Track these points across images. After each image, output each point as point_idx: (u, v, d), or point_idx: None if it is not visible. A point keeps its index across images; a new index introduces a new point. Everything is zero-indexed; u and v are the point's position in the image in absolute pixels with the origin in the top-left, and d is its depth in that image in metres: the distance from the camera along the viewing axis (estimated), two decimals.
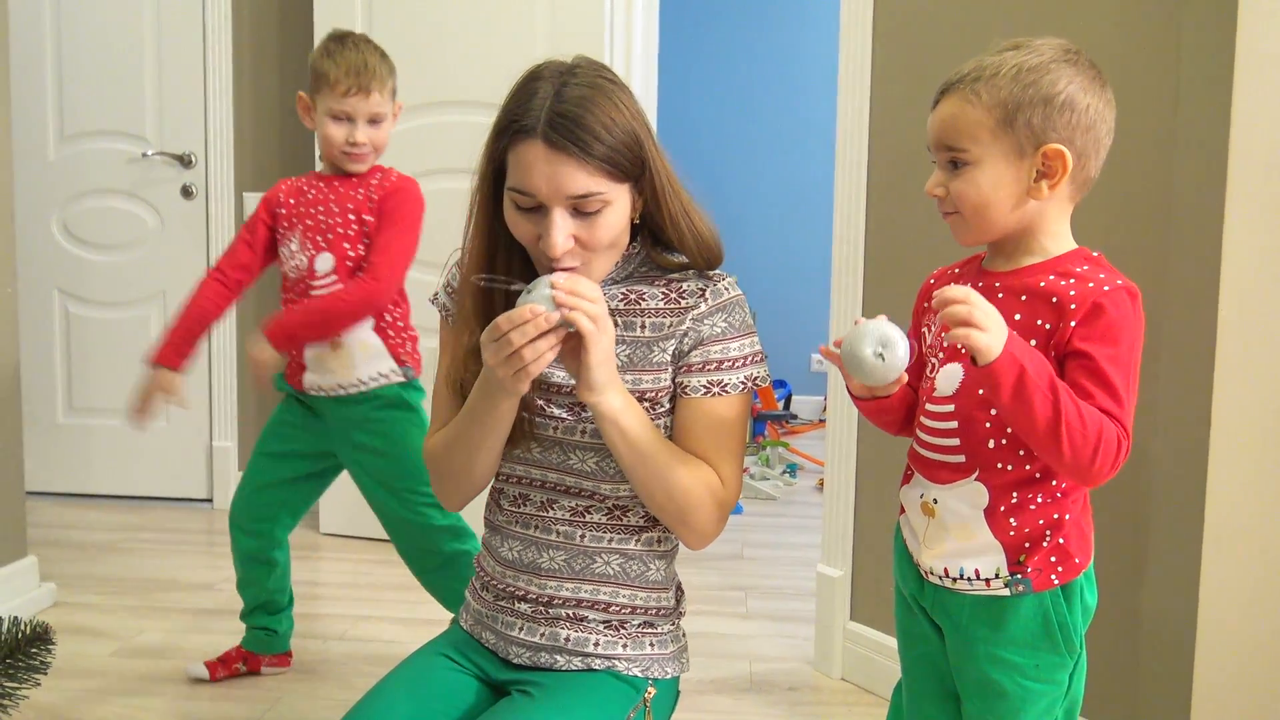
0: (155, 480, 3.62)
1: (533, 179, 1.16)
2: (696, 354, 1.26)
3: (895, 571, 1.30)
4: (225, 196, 3.49)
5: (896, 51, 2.15)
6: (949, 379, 1.17)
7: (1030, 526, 1.13)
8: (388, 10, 3.09)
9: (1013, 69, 1.10)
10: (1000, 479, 1.13)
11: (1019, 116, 1.09)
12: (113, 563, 2.99)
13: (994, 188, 1.11)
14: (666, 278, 1.30)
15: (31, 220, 3.54)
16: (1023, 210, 1.13)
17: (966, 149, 1.12)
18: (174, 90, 3.47)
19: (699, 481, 1.23)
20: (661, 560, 1.33)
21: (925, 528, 1.19)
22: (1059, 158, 1.10)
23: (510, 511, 1.33)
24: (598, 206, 1.18)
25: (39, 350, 3.59)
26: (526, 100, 1.17)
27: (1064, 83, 1.10)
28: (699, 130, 5.22)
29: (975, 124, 1.11)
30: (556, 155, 1.15)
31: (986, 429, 1.13)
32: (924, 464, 1.19)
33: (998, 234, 1.16)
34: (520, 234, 1.21)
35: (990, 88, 1.10)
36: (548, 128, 1.15)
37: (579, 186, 1.16)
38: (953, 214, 1.16)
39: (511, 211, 1.21)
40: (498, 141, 1.20)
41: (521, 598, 1.30)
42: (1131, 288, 1.10)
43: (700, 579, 2.92)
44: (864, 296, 2.23)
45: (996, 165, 1.11)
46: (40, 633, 0.77)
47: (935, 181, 1.15)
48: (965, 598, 1.17)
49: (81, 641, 2.43)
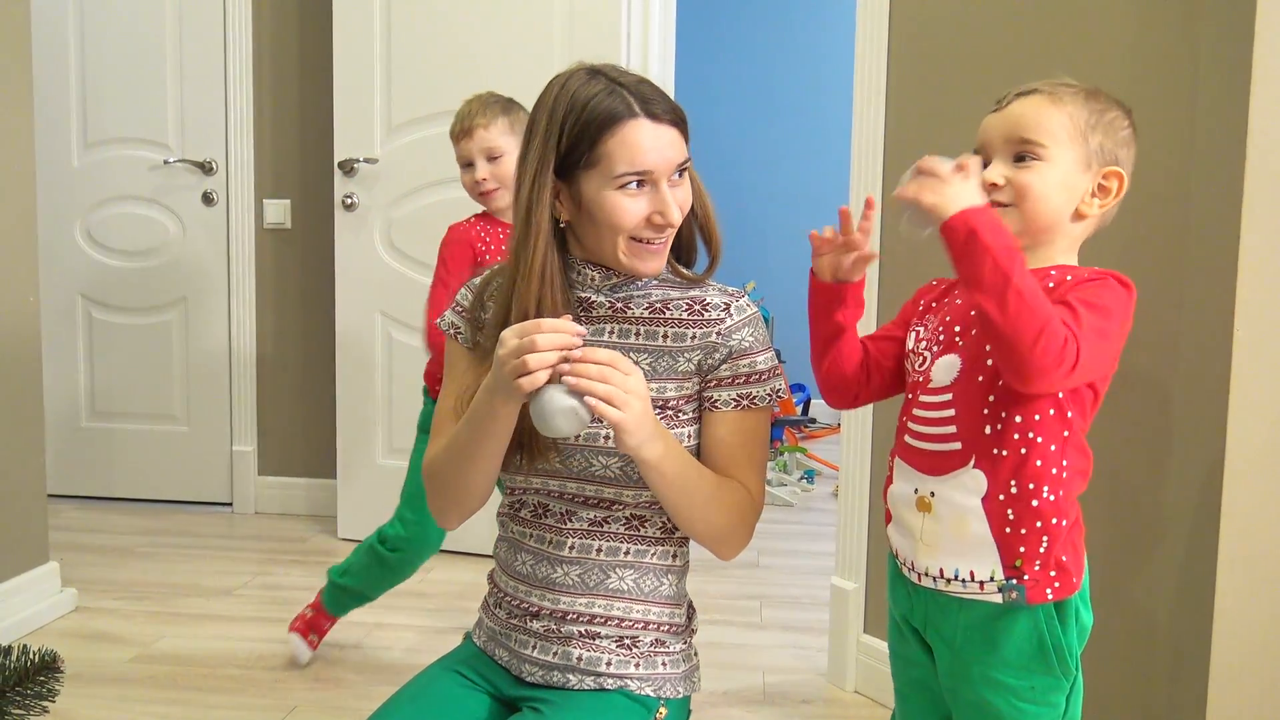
0: (177, 484, 3.66)
1: (646, 156, 1.21)
2: (726, 368, 1.28)
3: (888, 593, 1.30)
4: (245, 203, 3.52)
5: (911, 62, 2.15)
6: (946, 369, 1.18)
7: (1027, 525, 1.13)
8: (406, 20, 3.10)
9: (1085, 94, 1.18)
10: (998, 465, 1.13)
11: (1094, 134, 1.16)
12: (134, 567, 3.03)
13: (1059, 188, 1.16)
14: (688, 288, 1.33)
15: (56, 227, 3.59)
16: (1065, 219, 1.18)
17: (1044, 144, 1.16)
18: (195, 98, 3.51)
19: (735, 506, 1.26)
20: (674, 575, 1.33)
21: (921, 524, 1.19)
22: (1118, 180, 1.17)
23: (529, 523, 1.33)
24: (685, 172, 1.27)
25: (63, 355, 3.63)
26: (590, 97, 1.21)
27: (1125, 124, 1.20)
28: (717, 137, 5.21)
29: (1058, 125, 1.16)
30: (662, 128, 1.22)
31: (984, 415, 1.14)
32: (918, 457, 1.20)
33: (1039, 230, 1.17)
34: (626, 220, 1.23)
35: (1072, 100, 1.16)
36: (645, 104, 1.21)
37: (682, 153, 1.25)
38: (1005, 205, 1.16)
39: (617, 200, 1.22)
40: (579, 140, 1.21)
41: (535, 614, 1.31)
42: (1122, 277, 1.13)
43: (716, 587, 2.92)
44: (879, 299, 2.22)
45: (1067, 168, 1.16)
46: (49, 661, 0.78)
47: (997, 171, 1.17)
48: (958, 616, 1.17)
49: (101, 647, 2.46)
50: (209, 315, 3.59)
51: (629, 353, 1.29)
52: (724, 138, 5.23)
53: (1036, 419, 1.13)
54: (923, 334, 1.25)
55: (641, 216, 1.24)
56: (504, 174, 2.17)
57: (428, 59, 3.07)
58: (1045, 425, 1.13)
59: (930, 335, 1.23)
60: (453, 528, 1.38)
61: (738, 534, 1.28)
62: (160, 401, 3.64)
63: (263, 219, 3.53)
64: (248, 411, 3.60)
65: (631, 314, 1.31)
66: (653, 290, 1.32)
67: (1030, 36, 1.88)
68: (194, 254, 3.57)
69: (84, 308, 3.64)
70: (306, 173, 3.49)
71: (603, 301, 1.32)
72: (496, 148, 2.16)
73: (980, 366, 1.15)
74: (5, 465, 2.49)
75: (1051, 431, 1.13)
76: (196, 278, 3.57)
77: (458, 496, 1.31)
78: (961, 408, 1.16)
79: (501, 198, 2.19)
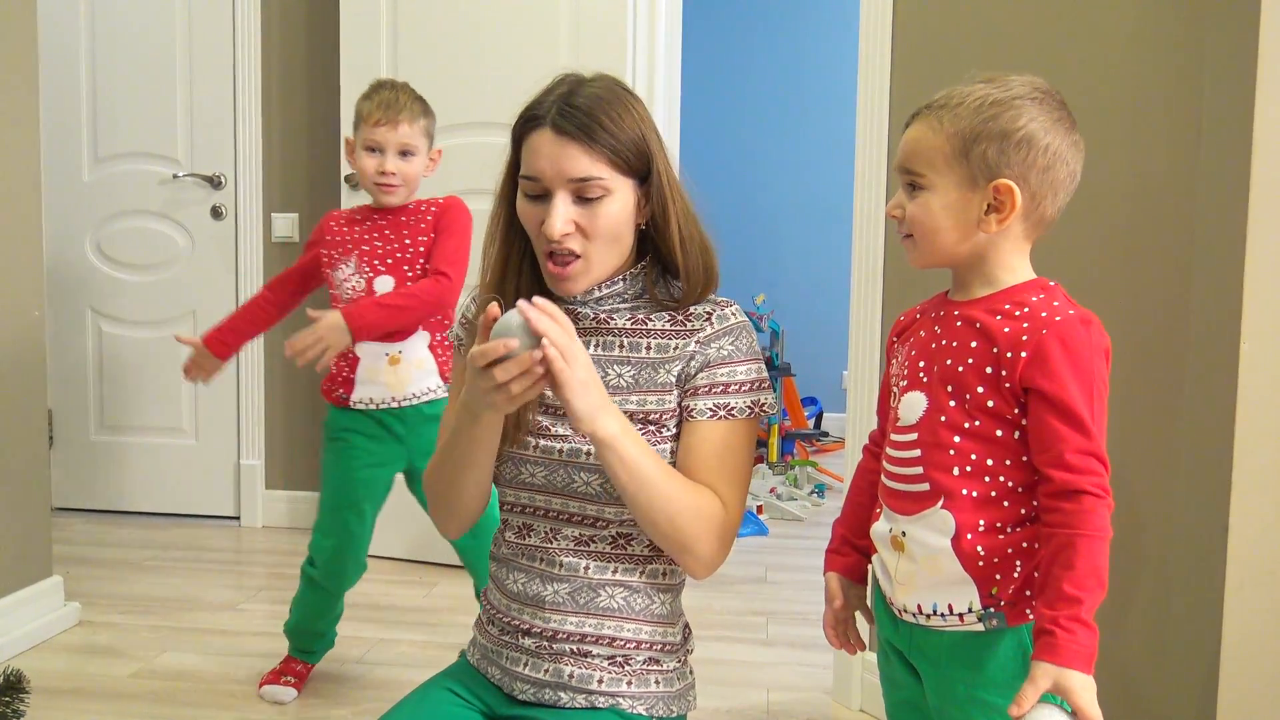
0: (184, 498, 3.66)
1: (539, 163, 1.21)
2: (703, 376, 1.26)
3: (874, 611, 1.28)
4: (254, 217, 3.53)
5: (915, 71, 2.13)
6: (911, 408, 1.16)
7: (999, 555, 1.10)
8: (412, 31, 3.11)
9: (977, 100, 1.11)
10: (966, 505, 1.11)
11: (975, 148, 1.10)
12: (139, 581, 3.02)
13: (943, 215, 1.12)
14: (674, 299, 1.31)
15: (66, 241, 3.61)
16: (972, 241, 1.13)
17: (923, 174, 1.13)
18: (205, 113, 3.53)
19: (701, 509, 1.22)
20: (667, 594, 1.31)
21: (896, 563, 1.17)
22: (1009, 194, 1.10)
23: (515, 544, 1.32)
24: (599, 193, 1.22)
25: (72, 369, 3.65)
26: (542, 99, 1.24)
27: (1025, 119, 1.10)
28: (725, 150, 5.21)
29: (933, 150, 1.12)
30: (562, 139, 1.20)
31: (950, 456, 1.12)
32: (891, 495, 1.18)
33: (945, 261, 1.16)
34: (527, 223, 1.25)
35: (953, 116, 1.11)
36: (558, 115, 1.21)
37: (581, 169, 1.20)
38: (908, 237, 1.17)
39: (521, 200, 1.25)
40: (513, 140, 1.26)
41: (526, 632, 1.29)
42: (1085, 315, 1.09)
43: (722, 603, 2.89)
44: (883, 313, 2.20)
45: (949, 193, 1.12)
46: (13, 682, 0.77)
47: (895, 203, 1.17)
48: (942, 637, 1.15)
49: (102, 662, 2.45)
50: None
51: (612, 365, 1.28)
52: (733, 149, 5.23)
53: (1007, 463, 1.11)
54: (894, 368, 1.24)
55: (535, 223, 1.24)
56: (411, 173, 2.16)
57: (434, 73, 3.07)
58: (1016, 468, 1.11)
59: (898, 370, 1.22)
60: (454, 537, 1.38)
61: (704, 544, 1.23)
62: (169, 415, 3.64)
63: (271, 233, 3.54)
64: (255, 425, 3.60)
65: (614, 325, 1.30)
66: (640, 301, 1.31)
67: (1033, 46, 1.86)
68: (203, 268, 3.58)
69: (94, 321, 3.65)
70: (314, 187, 3.50)
71: (586, 313, 1.31)
72: (412, 146, 2.15)
73: (943, 405, 1.13)
74: (10, 479, 2.50)
75: (1021, 472, 1.11)
76: (205, 291, 3.58)
77: (452, 506, 1.31)
78: (927, 448, 1.14)
79: (398, 195, 2.17)
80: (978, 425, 1.10)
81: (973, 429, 1.10)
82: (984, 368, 1.10)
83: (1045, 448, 1.06)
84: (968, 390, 1.11)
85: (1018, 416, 1.09)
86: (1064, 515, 1.04)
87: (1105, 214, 1.67)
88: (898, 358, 1.23)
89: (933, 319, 1.19)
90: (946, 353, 1.14)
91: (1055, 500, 1.05)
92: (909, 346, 1.21)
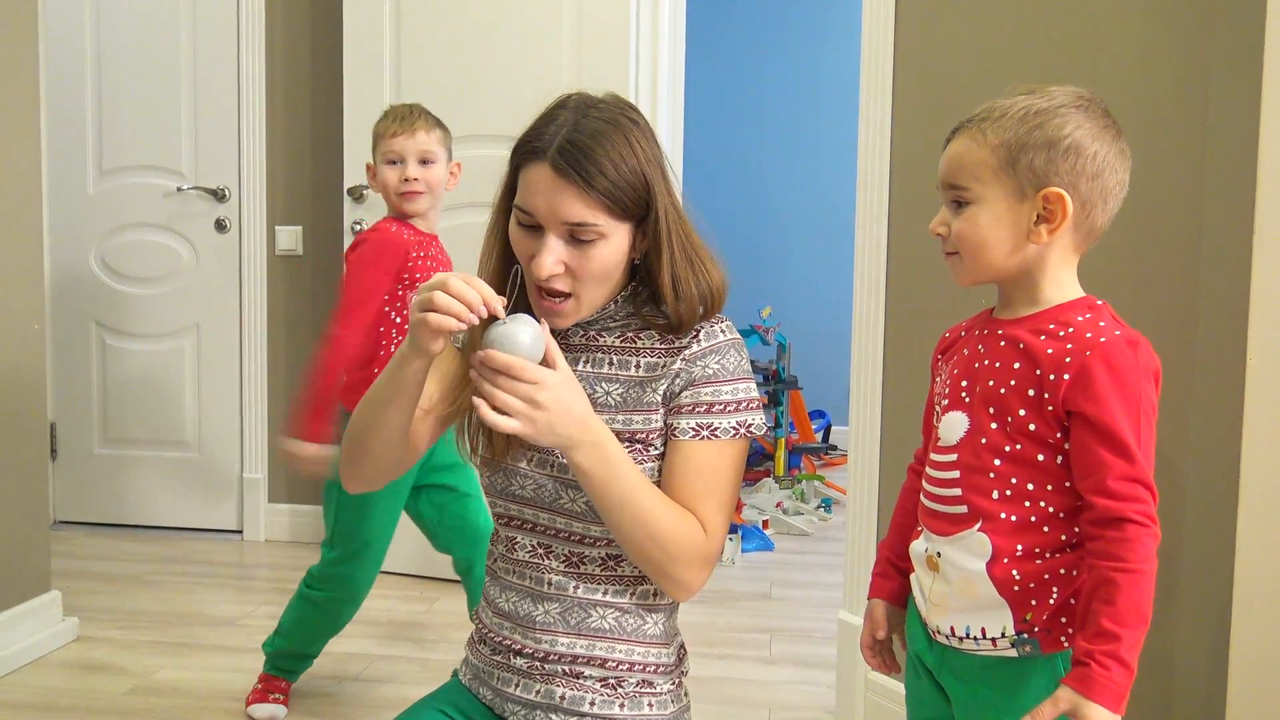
0: (187, 511, 3.65)
1: (534, 199, 1.18)
2: (687, 395, 1.24)
3: (906, 628, 1.26)
4: (258, 230, 3.53)
5: (917, 85, 2.11)
6: (952, 428, 1.14)
7: (1035, 581, 1.08)
8: (415, 43, 3.11)
9: (1021, 110, 1.10)
10: (1004, 529, 1.08)
11: (1022, 158, 1.08)
12: (139, 596, 3.01)
13: (992, 228, 1.10)
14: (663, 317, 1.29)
15: (71, 254, 3.62)
16: (1022, 254, 1.11)
17: (968, 187, 1.11)
18: (209, 126, 3.53)
19: (681, 532, 1.20)
20: (659, 614, 1.29)
21: (931, 584, 1.15)
22: (1059, 202, 1.08)
23: (505, 558, 1.30)
24: (592, 237, 1.19)
25: (76, 382, 3.65)
26: (545, 125, 1.20)
27: (1071, 127, 1.09)
28: (731, 161, 5.19)
29: (979, 163, 1.10)
30: (560, 181, 1.17)
31: (990, 479, 1.09)
32: (929, 515, 1.16)
33: (993, 276, 1.13)
34: (519, 250, 1.23)
35: (997, 128, 1.09)
36: (557, 154, 1.17)
37: (576, 215, 1.17)
38: (953, 254, 1.15)
39: (514, 227, 1.23)
40: (512, 160, 1.24)
41: (518, 652, 1.28)
42: (1132, 337, 1.06)
43: (725, 620, 2.86)
44: (885, 325, 2.17)
45: (997, 205, 1.10)
46: None
47: (939, 220, 1.15)
48: (974, 659, 1.13)
49: (99, 679, 2.43)
50: (221, 342, 3.59)
51: (600, 382, 1.26)
52: (738, 160, 5.21)
53: (1048, 488, 1.08)
54: (937, 386, 1.22)
55: (526, 255, 1.22)
56: (433, 180, 2.17)
57: (436, 86, 3.07)
58: (1058, 493, 1.08)
59: (940, 389, 1.20)
60: (355, 489, 1.32)
61: (681, 569, 1.20)
62: (172, 428, 3.63)
63: (275, 246, 3.54)
64: (259, 438, 3.59)
65: (603, 343, 1.28)
66: (630, 319, 1.29)
67: (1035, 55, 1.84)
68: (206, 281, 3.58)
69: (98, 334, 3.65)
70: (318, 200, 3.49)
71: (576, 330, 1.29)
72: (431, 153, 2.17)
73: (984, 428, 1.10)
74: (9, 494, 2.48)
75: (1064, 498, 1.08)
76: (209, 304, 3.58)
77: (358, 454, 1.26)
78: (966, 470, 1.11)
79: (422, 202, 2.17)
80: (1019, 449, 1.08)
81: (1013, 452, 1.08)
82: (1026, 390, 1.07)
83: (1088, 473, 1.04)
84: (1009, 412, 1.08)
85: (1060, 441, 1.06)
86: (1106, 544, 1.01)
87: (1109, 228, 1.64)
88: (941, 375, 1.21)
89: (976, 337, 1.17)
90: (989, 373, 1.11)
91: (1098, 528, 1.03)
92: (952, 365, 1.19)
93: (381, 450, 1.25)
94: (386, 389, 1.21)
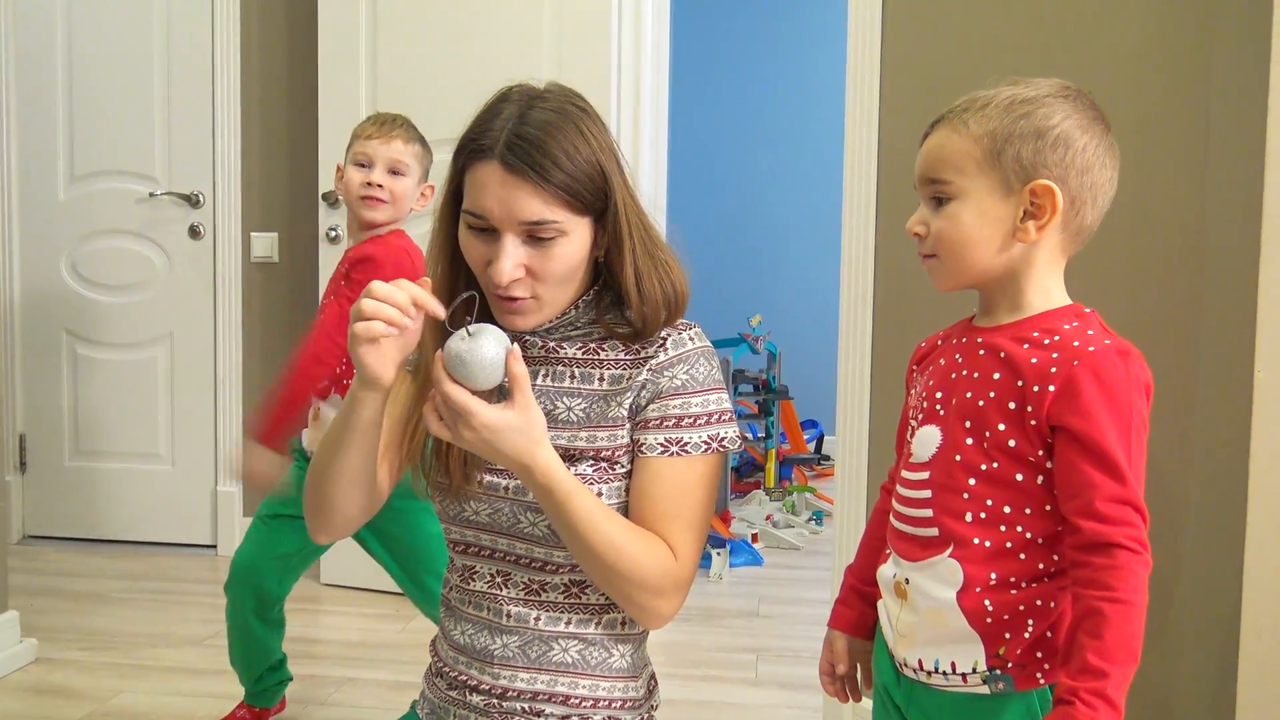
0: (160, 526, 3.56)
1: (486, 201, 1.10)
2: (654, 408, 1.15)
3: (873, 659, 1.17)
4: (232, 236, 3.46)
5: (903, 84, 2.05)
6: (924, 443, 1.05)
7: (1010, 612, 0.99)
8: (391, 47, 3.04)
9: (1006, 99, 1.02)
10: (977, 556, 1.00)
11: (1008, 149, 1.00)
12: (103, 614, 2.91)
13: (976, 226, 1.02)
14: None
15: (41, 261, 3.54)
16: (1007, 255, 1.03)
17: (950, 181, 1.03)
18: (183, 130, 3.46)
19: (648, 560, 1.12)
20: (626, 645, 1.21)
21: (899, 613, 1.07)
22: (1048, 195, 1.00)
23: (461, 589, 1.22)
24: (552, 235, 1.11)
25: (46, 392, 3.56)
26: (489, 120, 1.13)
27: (1059, 117, 1.01)
28: (718, 167, 5.12)
29: (961, 154, 1.02)
30: (512, 178, 1.09)
31: (964, 500, 1.01)
32: (898, 538, 1.08)
33: (975, 279, 1.05)
34: (472, 258, 1.14)
35: (980, 118, 1.02)
36: (506, 149, 1.09)
37: (533, 213, 1.10)
38: (930, 257, 1.06)
39: (464, 233, 1.14)
40: (456, 162, 1.15)
41: (474, 689, 1.20)
42: (1123, 347, 0.98)
43: (709, 639, 2.78)
44: (873, 335, 2.10)
45: (981, 201, 1.02)
46: None
47: (917, 219, 1.07)
48: (943, 696, 1.04)
49: (55, 704, 2.34)
50: (195, 350, 3.50)
51: (561, 397, 1.18)
52: (725, 166, 5.14)
53: (1027, 512, 0.99)
54: (912, 399, 1.13)
55: (481, 261, 1.13)
56: (399, 191, 2.06)
57: (412, 89, 3.00)
58: (1037, 517, 0.99)
59: (915, 402, 1.11)
60: (321, 540, 1.23)
61: (650, 597, 1.12)
62: (144, 440, 3.54)
63: (250, 252, 3.46)
64: (233, 451, 3.50)
65: (564, 354, 1.20)
66: (593, 329, 1.20)
67: (1028, 58, 1.78)
68: (180, 288, 3.50)
69: (68, 343, 3.57)
70: (294, 206, 3.42)
71: (535, 341, 1.21)
72: (404, 165, 2.06)
73: (959, 443, 1.02)
74: None
75: (1043, 523, 0.99)
76: (183, 312, 3.50)
77: (321, 502, 1.17)
78: (938, 489, 1.03)
79: (382, 211, 2.05)
80: (996, 467, 1.00)
81: (990, 471, 1.00)
82: (1007, 402, 0.99)
83: (1074, 494, 0.95)
84: (988, 427, 1.00)
85: (1042, 459, 0.98)
86: (1094, 572, 0.93)
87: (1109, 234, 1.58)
88: (916, 387, 1.13)
89: (954, 346, 1.09)
90: (966, 384, 1.03)
91: (1084, 554, 0.94)
92: (928, 376, 1.11)
93: (345, 497, 1.16)
94: (344, 432, 1.11)
